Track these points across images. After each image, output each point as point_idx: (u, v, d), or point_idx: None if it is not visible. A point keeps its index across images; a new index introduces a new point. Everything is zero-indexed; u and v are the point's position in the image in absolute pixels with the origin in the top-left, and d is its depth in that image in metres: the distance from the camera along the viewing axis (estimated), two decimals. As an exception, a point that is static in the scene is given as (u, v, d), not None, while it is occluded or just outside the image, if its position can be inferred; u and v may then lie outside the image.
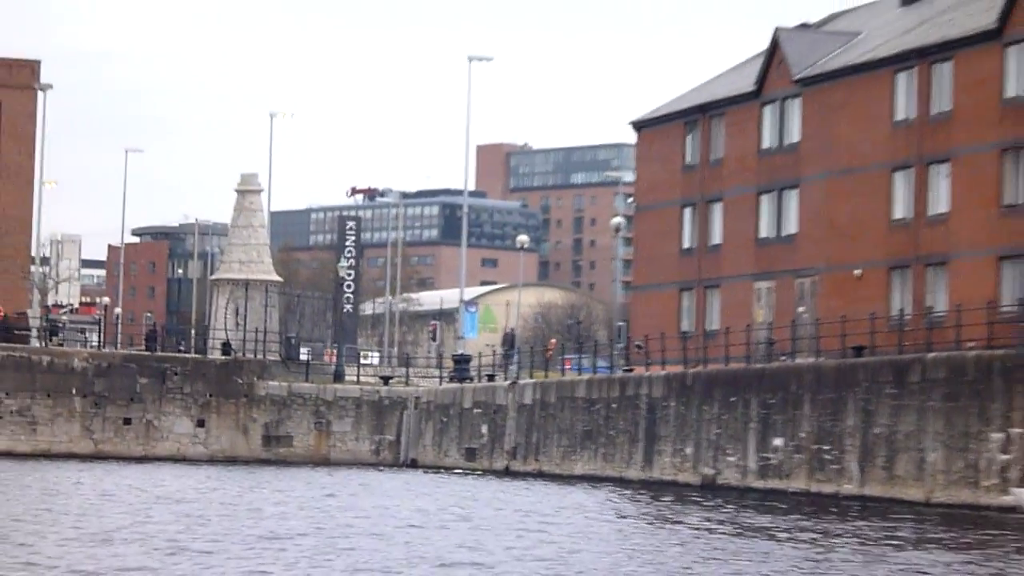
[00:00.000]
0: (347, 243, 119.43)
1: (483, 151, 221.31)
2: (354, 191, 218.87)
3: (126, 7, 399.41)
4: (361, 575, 32.45)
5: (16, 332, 79.92)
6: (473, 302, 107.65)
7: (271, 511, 42.91)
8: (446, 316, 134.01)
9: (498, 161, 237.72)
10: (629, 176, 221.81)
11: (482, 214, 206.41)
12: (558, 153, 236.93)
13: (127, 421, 69.10)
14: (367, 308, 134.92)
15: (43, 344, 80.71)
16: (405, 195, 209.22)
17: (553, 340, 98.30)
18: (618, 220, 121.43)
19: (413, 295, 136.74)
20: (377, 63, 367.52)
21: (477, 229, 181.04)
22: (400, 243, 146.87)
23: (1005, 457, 41.09)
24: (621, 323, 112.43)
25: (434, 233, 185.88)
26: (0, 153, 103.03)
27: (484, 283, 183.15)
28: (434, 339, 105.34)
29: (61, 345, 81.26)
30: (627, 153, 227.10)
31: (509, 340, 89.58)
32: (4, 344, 74.83)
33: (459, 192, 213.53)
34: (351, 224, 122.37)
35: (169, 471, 60.06)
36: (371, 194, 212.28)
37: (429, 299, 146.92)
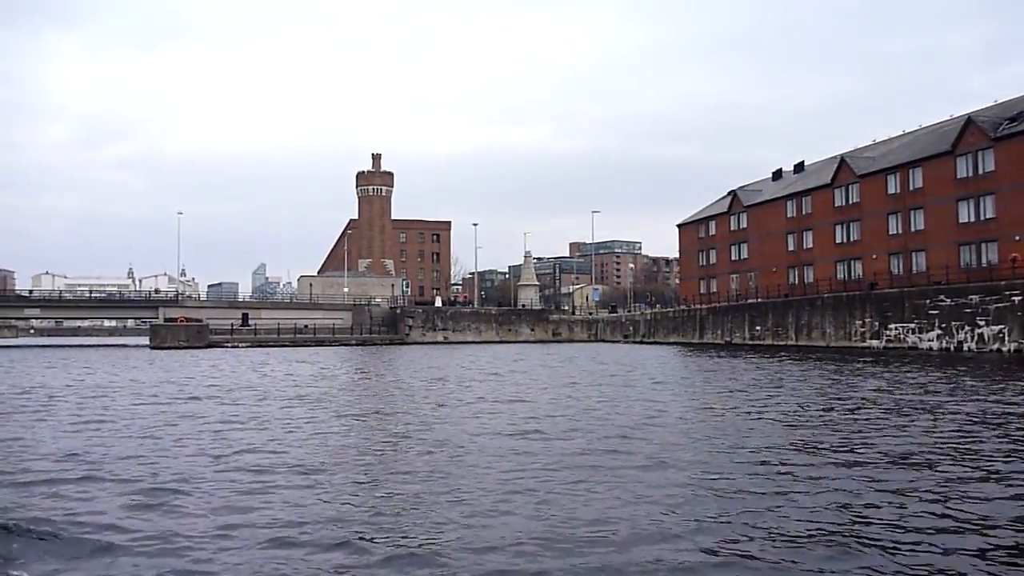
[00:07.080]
0: (558, 273, 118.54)
1: (572, 244, 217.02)
2: (536, 259, 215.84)
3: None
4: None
5: (461, 304, 78.69)
6: (597, 288, 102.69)
7: (569, 353, 42.99)
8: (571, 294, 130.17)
9: (577, 246, 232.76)
10: (620, 249, 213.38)
11: (575, 264, 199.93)
12: (591, 245, 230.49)
13: (508, 329, 66.04)
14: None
15: (480, 307, 79.35)
16: (556, 258, 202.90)
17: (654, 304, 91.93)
18: (645, 262, 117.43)
19: (565, 287, 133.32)
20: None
21: (579, 268, 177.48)
22: (558, 270, 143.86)
23: (862, 329, 38.62)
24: (646, 294, 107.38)
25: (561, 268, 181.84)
26: (440, 253, 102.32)
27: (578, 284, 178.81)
28: (586, 300, 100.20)
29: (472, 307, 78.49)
30: (619, 245, 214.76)
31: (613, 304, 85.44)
32: (460, 308, 72.92)
33: (569, 258, 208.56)
34: (560, 268, 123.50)
35: (521, 345, 58.64)
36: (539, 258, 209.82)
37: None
